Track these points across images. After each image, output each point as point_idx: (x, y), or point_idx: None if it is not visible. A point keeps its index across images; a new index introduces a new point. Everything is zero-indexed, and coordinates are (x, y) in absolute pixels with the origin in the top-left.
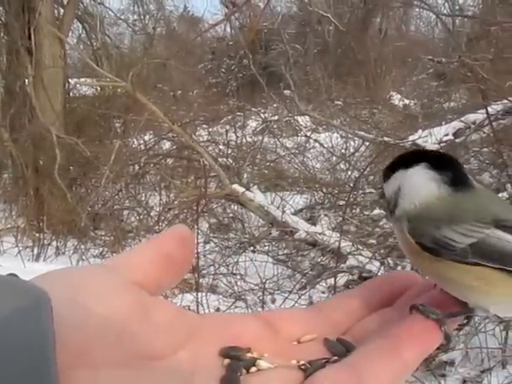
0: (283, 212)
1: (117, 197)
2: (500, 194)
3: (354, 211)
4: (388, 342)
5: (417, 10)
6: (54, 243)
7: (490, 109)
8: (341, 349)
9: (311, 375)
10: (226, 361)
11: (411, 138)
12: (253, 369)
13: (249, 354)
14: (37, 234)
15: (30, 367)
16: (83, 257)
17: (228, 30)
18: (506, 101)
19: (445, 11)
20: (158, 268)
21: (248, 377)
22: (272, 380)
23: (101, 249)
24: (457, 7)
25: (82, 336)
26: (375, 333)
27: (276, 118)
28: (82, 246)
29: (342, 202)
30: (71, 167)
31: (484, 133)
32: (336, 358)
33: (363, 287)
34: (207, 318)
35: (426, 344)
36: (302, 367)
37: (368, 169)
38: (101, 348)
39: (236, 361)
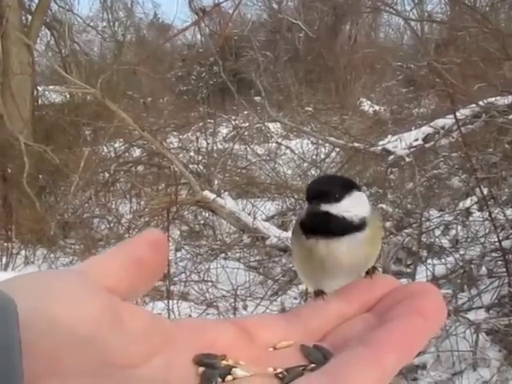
0: (254, 218)
1: (86, 205)
2: (469, 198)
3: None
4: (367, 349)
5: (386, 17)
6: (23, 252)
7: (458, 114)
8: (318, 356)
9: (289, 383)
10: (201, 369)
11: (381, 143)
12: (228, 377)
13: (224, 362)
14: (5, 244)
15: None
16: (53, 266)
17: (198, 37)
18: (473, 105)
19: (413, 17)
20: (129, 273)
21: None
22: None
23: (71, 257)
24: (425, 13)
25: (51, 344)
26: (354, 339)
27: (247, 124)
28: (52, 255)
29: None
30: (40, 175)
31: (453, 137)
32: (314, 365)
33: (341, 292)
34: (180, 324)
35: (406, 351)
36: (279, 375)
37: (339, 174)
38: (70, 356)
39: (211, 369)
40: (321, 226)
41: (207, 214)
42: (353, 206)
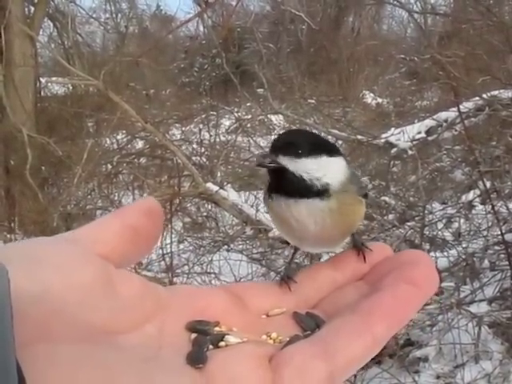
0: (257, 210)
1: (89, 196)
2: (471, 192)
3: None
4: (358, 317)
5: (389, 9)
6: None
7: (461, 107)
8: (310, 323)
9: (281, 350)
10: (193, 335)
11: (384, 135)
12: (221, 344)
13: (217, 328)
14: (8, 235)
15: None
16: None
17: (201, 28)
18: (477, 98)
19: (417, 10)
20: (123, 240)
21: (216, 352)
22: (240, 355)
23: None
24: (429, 6)
25: (41, 310)
26: (346, 307)
27: (249, 116)
28: None
29: None
30: (43, 167)
31: (456, 130)
32: (306, 332)
33: (334, 260)
34: (174, 291)
35: (397, 320)
36: (272, 342)
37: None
38: (60, 323)
39: (203, 335)
40: (278, 183)
41: (210, 206)
42: (316, 169)
